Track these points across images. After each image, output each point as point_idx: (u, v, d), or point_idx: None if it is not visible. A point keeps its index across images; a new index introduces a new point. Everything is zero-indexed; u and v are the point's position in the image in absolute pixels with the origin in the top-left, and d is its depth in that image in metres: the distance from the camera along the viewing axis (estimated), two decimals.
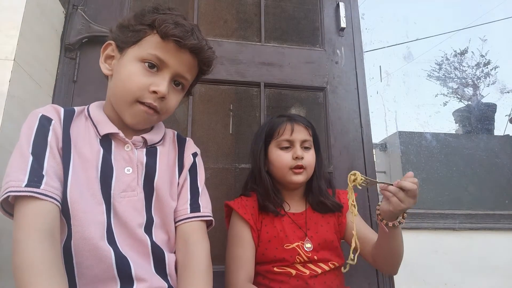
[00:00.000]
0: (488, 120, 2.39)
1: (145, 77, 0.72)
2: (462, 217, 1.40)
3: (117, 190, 0.71)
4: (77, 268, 0.64)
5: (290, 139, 1.01)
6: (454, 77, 2.73)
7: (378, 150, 2.15)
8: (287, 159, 1.00)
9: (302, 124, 1.03)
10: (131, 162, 0.75)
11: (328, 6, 1.58)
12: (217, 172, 1.30)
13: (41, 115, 0.70)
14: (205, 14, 1.48)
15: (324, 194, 1.04)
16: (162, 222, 0.76)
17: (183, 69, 0.76)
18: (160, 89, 0.72)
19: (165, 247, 0.75)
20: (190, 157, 0.85)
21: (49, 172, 0.64)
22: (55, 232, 0.61)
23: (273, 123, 1.06)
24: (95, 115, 0.77)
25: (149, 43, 0.73)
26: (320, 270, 0.95)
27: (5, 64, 0.95)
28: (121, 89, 0.73)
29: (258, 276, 0.97)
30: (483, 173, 2.04)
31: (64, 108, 0.75)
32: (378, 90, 2.07)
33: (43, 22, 1.13)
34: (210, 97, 1.40)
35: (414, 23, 2.55)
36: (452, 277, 1.31)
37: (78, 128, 0.74)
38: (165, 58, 0.73)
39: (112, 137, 0.76)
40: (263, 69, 1.43)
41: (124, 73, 0.73)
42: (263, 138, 1.05)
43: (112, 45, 0.77)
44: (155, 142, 0.81)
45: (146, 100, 0.72)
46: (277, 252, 0.95)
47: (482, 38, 2.66)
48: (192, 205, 0.80)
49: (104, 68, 0.78)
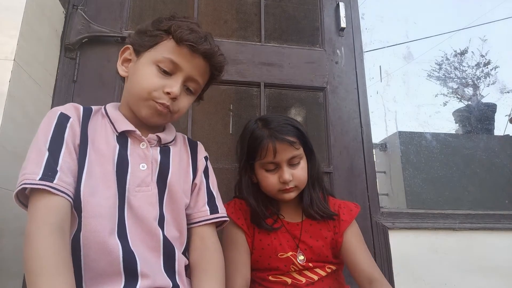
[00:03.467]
0: (488, 120, 2.39)
1: (159, 79, 0.77)
2: (462, 217, 1.40)
3: (132, 185, 0.74)
4: (84, 261, 0.65)
5: (274, 161, 0.92)
6: (454, 77, 2.73)
7: (378, 150, 2.15)
8: (274, 183, 0.93)
9: (286, 142, 0.91)
10: (146, 159, 0.78)
11: (328, 6, 1.58)
12: (217, 172, 1.27)
13: (60, 112, 0.74)
14: (205, 14, 1.48)
15: (316, 205, 0.96)
16: (173, 218, 0.78)
17: (195, 72, 0.80)
18: (173, 90, 0.76)
19: (176, 244, 0.76)
20: (203, 161, 0.90)
21: (63, 168, 0.67)
22: (65, 226, 0.64)
23: (254, 139, 0.94)
24: (112, 114, 0.81)
25: (165, 47, 0.77)
26: (317, 277, 0.92)
27: (5, 64, 0.95)
28: (137, 87, 0.77)
29: (254, 283, 0.95)
30: (483, 173, 2.04)
31: (83, 107, 0.79)
32: (378, 90, 2.07)
33: (43, 22, 1.13)
34: (210, 97, 1.39)
35: (414, 23, 2.55)
36: (452, 277, 1.31)
37: (95, 125, 0.77)
38: (179, 62, 0.77)
39: (128, 135, 0.79)
40: (263, 69, 1.43)
41: (140, 73, 0.78)
42: (245, 153, 0.97)
43: (130, 49, 0.82)
44: (168, 141, 0.85)
45: (159, 100, 0.76)
46: (271, 261, 0.93)
47: (482, 38, 2.66)
48: (211, 207, 0.84)
49: (121, 70, 0.83)
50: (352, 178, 1.36)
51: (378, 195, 1.39)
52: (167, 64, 0.77)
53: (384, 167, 2.13)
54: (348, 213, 0.99)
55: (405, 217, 1.37)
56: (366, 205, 1.34)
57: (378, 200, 1.38)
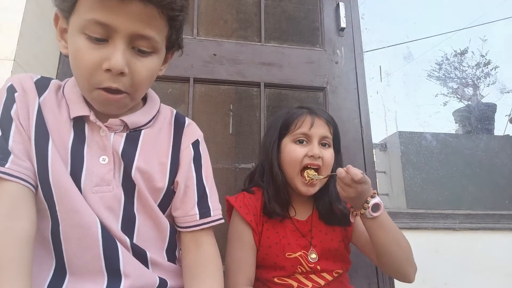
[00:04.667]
0: (488, 120, 2.39)
1: (93, 51, 0.57)
2: (462, 217, 1.40)
3: (88, 184, 0.62)
4: (66, 256, 0.61)
5: (308, 133, 0.90)
6: (454, 77, 2.73)
7: (378, 150, 2.15)
8: (300, 154, 0.89)
9: (324, 119, 0.92)
10: (106, 150, 0.64)
11: (328, 6, 1.58)
12: (217, 172, 1.29)
13: (9, 85, 0.62)
14: (205, 14, 1.48)
15: (339, 200, 0.93)
16: (148, 217, 0.67)
17: (138, 25, 0.57)
18: (112, 63, 0.56)
19: (156, 245, 0.69)
20: (190, 150, 0.73)
21: (15, 150, 0.58)
22: (20, 219, 0.57)
23: (290, 114, 0.95)
24: (69, 93, 0.65)
25: (84, 6, 0.56)
26: (323, 282, 0.89)
27: (5, 64, 0.95)
28: (76, 70, 0.61)
29: (258, 282, 0.92)
30: (483, 173, 2.04)
31: (37, 77, 0.66)
32: (378, 90, 2.07)
33: (43, 22, 1.13)
34: (210, 97, 1.40)
35: (414, 23, 2.56)
36: (452, 277, 1.31)
37: (52, 105, 0.64)
38: (107, 20, 0.55)
39: (85, 120, 0.65)
40: (263, 69, 1.43)
41: (73, 48, 0.59)
42: (277, 129, 0.94)
43: (60, 16, 0.62)
44: (140, 124, 0.68)
45: (103, 84, 0.58)
46: (278, 260, 0.89)
47: (482, 38, 2.65)
48: (201, 209, 0.70)
49: (61, 46, 0.64)
50: None
51: (378, 195, 1.39)
52: (94, 27, 0.56)
53: (384, 167, 2.13)
54: None
55: (405, 217, 1.37)
56: None
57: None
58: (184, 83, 1.36)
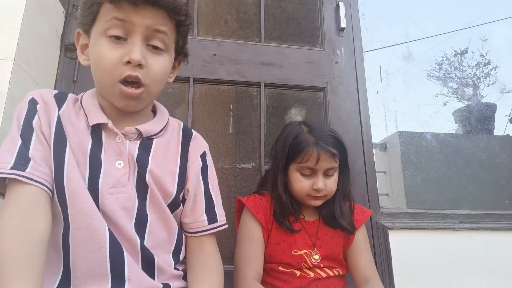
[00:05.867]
0: (488, 120, 2.39)
1: (114, 50, 0.66)
2: (462, 217, 1.40)
3: (105, 186, 0.67)
4: (72, 259, 0.63)
5: (314, 168, 0.94)
6: (454, 77, 2.73)
7: (378, 150, 2.15)
8: (307, 188, 0.95)
9: (329, 153, 0.93)
10: (122, 155, 0.70)
11: (328, 6, 1.58)
12: (217, 172, 1.29)
13: (30, 98, 0.69)
14: (205, 14, 1.48)
15: (343, 216, 0.99)
16: (159, 219, 0.72)
17: (152, 22, 0.67)
18: (132, 56, 0.65)
19: (163, 247, 0.73)
20: (199, 161, 0.80)
21: (35, 157, 0.63)
22: (36, 219, 0.60)
23: (298, 142, 0.96)
24: (87, 104, 0.73)
25: (105, 13, 0.66)
26: (325, 275, 0.95)
27: (5, 64, 0.95)
28: (98, 71, 0.69)
29: (264, 271, 0.97)
30: (483, 173, 2.04)
31: (56, 92, 0.73)
32: (378, 90, 2.07)
33: (43, 22, 1.13)
34: (210, 97, 1.40)
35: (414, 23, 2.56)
36: (452, 277, 1.31)
37: (70, 116, 0.71)
38: (125, 16, 0.65)
39: (102, 128, 0.71)
40: (263, 69, 1.43)
41: (95, 54, 0.68)
42: (285, 155, 0.98)
43: (81, 33, 0.73)
44: (152, 133, 0.76)
45: (124, 73, 0.66)
46: (284, 256, 0.95)
47: (482, 38, 2.66)
48: (209, 215, 0.77)
49: (82, 59, 0.73)
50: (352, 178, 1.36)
51: (378, 195, 1.39)
52: (114, 26, 0.66)
53: (384, 167, 2.14)
54: (362, 214, 1.04)
55: (405, 217, 1.37)
56: (366, 205, 1.34)
57: (378, 200, 1.38)
58: (184, 83, 1.36)
